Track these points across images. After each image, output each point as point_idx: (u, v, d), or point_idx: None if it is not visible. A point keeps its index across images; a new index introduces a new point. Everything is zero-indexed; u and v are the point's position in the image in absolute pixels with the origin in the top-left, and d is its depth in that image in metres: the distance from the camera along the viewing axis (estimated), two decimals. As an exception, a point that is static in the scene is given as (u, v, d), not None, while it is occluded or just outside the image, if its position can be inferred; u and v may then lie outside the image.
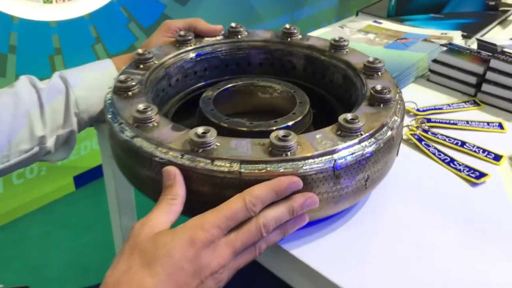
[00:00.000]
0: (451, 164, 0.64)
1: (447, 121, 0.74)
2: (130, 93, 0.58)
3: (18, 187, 1.43)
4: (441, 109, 0.79)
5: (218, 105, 0.68)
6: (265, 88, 0.70)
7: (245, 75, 0.74)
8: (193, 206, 0.50)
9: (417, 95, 0.83)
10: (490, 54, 0.81)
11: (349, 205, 0.55)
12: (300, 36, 0.74)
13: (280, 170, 0.48)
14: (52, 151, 0.66)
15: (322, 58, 0.70)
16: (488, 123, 0.74)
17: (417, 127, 0.72)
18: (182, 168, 0.48)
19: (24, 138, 0.62)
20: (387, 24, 1.08)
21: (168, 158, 0.49)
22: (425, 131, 0.72)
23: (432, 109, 0.78)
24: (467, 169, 0.64)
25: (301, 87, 0.71)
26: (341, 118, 0.52)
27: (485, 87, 0.81)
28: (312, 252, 0.52)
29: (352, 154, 0.50)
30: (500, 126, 0.75)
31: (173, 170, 0.48)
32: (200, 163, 0.48)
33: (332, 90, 0.71)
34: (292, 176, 0.48)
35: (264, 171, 0.48)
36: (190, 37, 0.70)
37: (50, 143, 0.64)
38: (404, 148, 0.69)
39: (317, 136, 0.51)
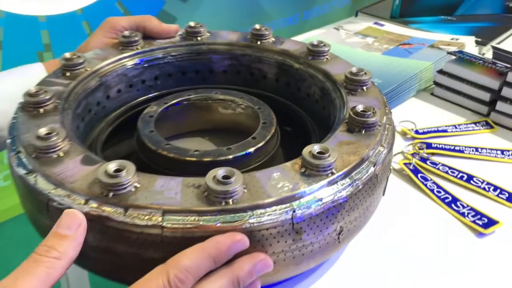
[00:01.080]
0: (453, 206, 0.51)
1: (452, 148, 0.61)
2: (41, 109, 0.45)
3: (4, 189, 1.31)
4: (445, 131, 0.65)
5: (165, 124, 0.55)
6: (226, 102, 0.57)
7: (205, 86, 0.61)
8: (107, 267, 0.38)
9: (418, 113, 0.70)
10: (508, 65, 0.67)
11: (315, 264, 0.41)
12: (273, 39, 0.60)
13: (217, 224, 0.35)
14: None
15: (297, 67, 0.57)
16: (502, 152, 0.61)
17: (413, 154, 0.59)
18: (87, 218, 0.35)
19: None
20: (389, 27, 0.95)
21: (68, 204, 0.36)
22: (423, 159, 0.58)
23: (434, 131, 0.65)
24: (473, 213, 0.50)
25: (273, 102, 0.58)
26: (305, 151, 0.39)
27: (500, 105, 0.67)
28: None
29: (318, 200, 0.37)
30: None
31: (77, 216, 0.35)
32: (110, 213, 0.35)
33: (308, 106, 0.57)
34: (235, 233, 0.35)
35: (194, 226, 0.35)
36: (136, 38, 0.57)
37: None
38: (395, 181, 0.55)
39: (274, 175, 0.38)
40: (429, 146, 0.61)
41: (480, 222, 0.49)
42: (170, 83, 0.61)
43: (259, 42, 0.60)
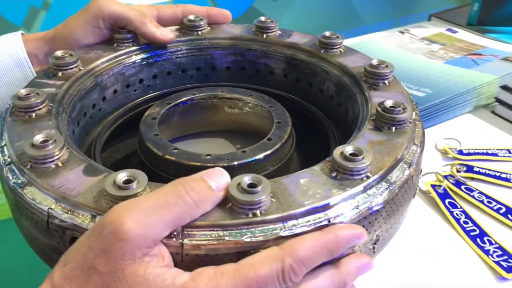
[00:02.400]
0: (478, 241, 0.45)
1: (497, 175, 0.53)
2: (33, 114, 0.40)
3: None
4: (495, 155, 0.58)
5: (168, 126, 0.51)
6: (233, 101, 0.53)
7: (207, 84, 0.57)
8: None
9: (469, 132, 0.62)
10: None
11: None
12: (279, 32, 0.56)
13: (245, 239, 0.31)
14: None
15: (308, 61, 0.53)
16: None
17: (447, 177, 0.53)
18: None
19: None
20: (463, 34, 0.86)
21: (72, 221, 0.32)
22: (459, 184, 0.52)
23: (482, 154, 0.57)
24: (500, 252, 0.44)
25: (282, 99, 0.54)
26: (336, 152, 0.35)
27: None
28: None
29: (355, 208, 0.33)
30: None
31: (226, 179, 0.32)
32: (121, 230, 0.31)
33: (322, 104, 0.53)
34: (354, 225, 0.33)
35: (219, 242, 0.30)
36: (131, 34, 0.53)
37: None
38: (417, 204, 0.50)
39: (302, 181, 0.34)
40: (470, 169, 0.55)
41: (504, 264, 0.43)
42: (169, 82, 0.56)
43: (264, 36, 0.56)
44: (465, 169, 0.54)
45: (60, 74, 0.47)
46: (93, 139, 0.49)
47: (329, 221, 0.32)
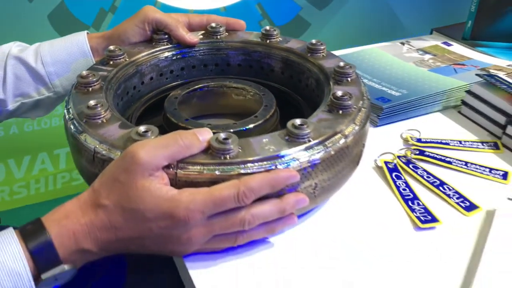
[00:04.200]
0: (409, 203, 0.58)
1: (442, 158, 0.66)
2: (90, 89, 0.58)
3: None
4: (447, 144, 0.69)
5: (187, 105, 0.67)
6: (238, 89, 0.69)
7: (223, 76, 0.73)
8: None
9: (434, 126, 0.74)
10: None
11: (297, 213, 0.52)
12: (280, 39, 0.72)
13: (217, 173, 0.46)
14: (19, 114, 0.71)
15: (298, 61, 0.68)
16: (491, 170, 0.64)
17: (400, 157, 0.66)
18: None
19: None
20: (456, 48, 0.96)
21: (109, 155, 0.49)
22: (408, 163, 0.65)
23: (437, 142, 0.69)
24: (423, 210, 0.57)
25: (278, 91, 0.69)
26: (289, 123, 0.50)
27: (510, 129, 0.69)
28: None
29: (295, 160, 0.48)
30: (505, 176, 0.63)
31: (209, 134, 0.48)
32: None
33: (307, 95, 0.69)
34: (291, 170, 0.47)
35: (199, 173, 0.46)
36: (166, 36, 0.70)
37: (12, 107, 0.70)
38: (369, 175, 0.64)
39: (264, 140, 0.50)
40: (421, 153, 0.67)
41: (422, 218, 0.56)
42: (194, 73, 0.73)
43: (268, 41, 0.71)
44: (417, 152, 0.67)
45: (111, 62, 0.64)
46: (133, 111, 0.66)
47: (276, 167, 0.47)
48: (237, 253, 0.51)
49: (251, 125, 0.59)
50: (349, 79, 0.61)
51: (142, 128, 0.49)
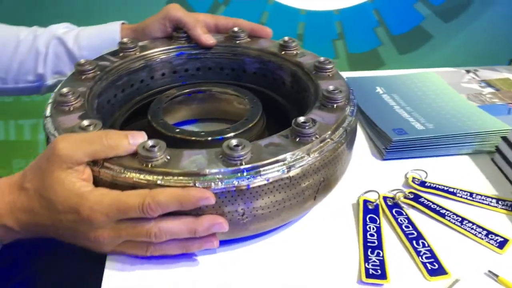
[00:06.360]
0: (368, 252, 0.51)
1: (437, 209, 0.57)
2: (83, 76, 0.61)
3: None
4: (454, 194, 0.59)
5: (189, 107, 0.68)
6: (237, 97, 0.68)
7: (239, 83, 0.72)
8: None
9: (455, 171, 0.64)
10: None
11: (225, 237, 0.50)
12: (297, 52, 0.68)
13: (134, 179, 0.46)
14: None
15: (303, 78, 0.64)
16: (488, 233, 0.54)
17: (385, 198, 0.58)
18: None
19: (30, 71, 0.75)
20: None
21: (56, 142, 0.51)
22: (393, 205, 0.57)
23: (442, 190, 0.60)
24: (377, 263, 0.50)
25: (284, 108, 0.67)
26: (225, 142, 0.48)
27: None
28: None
29: (218, 181, 0.46)
30: (502, 244, 0.53)
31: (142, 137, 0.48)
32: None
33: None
34: (207, 191, 0.45)
35: (117, 175, 0.46)
36: (185, 34, 0.71)
37: (50, 82, 0.75)
38: (345, 212, 0.58)
39: (196, 156, 0.48)
40: (416, 198, 0.59)
41: (371, 271, 0.49)
42: (209, 75, 0.73)
43: (283, 52, 0.68)
44: (412, 197, 0.58)
45: (121, 54, 0.67)
46: (135, 103, 0.68)
47: (194, 184, 0.45)
48: (159, 263, 0.50)
49: (239, 131, 0.58)
50: (335, 105, 0.56)
51: (85, 123, 0.50)
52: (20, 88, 0.77)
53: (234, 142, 0.47)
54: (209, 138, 0.57)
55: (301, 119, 0.51)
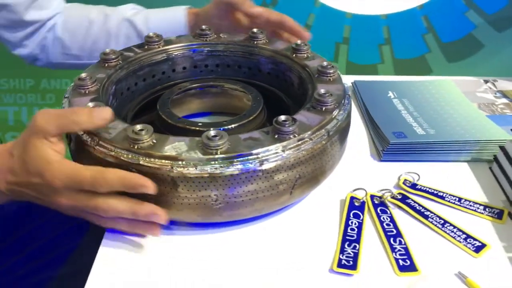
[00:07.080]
0: (345, 244, 0.54)
1: (421, 211, 0.58)
2: (106, 64, 0.68)
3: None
4: (442, 198, 0.60)
5: (201, 100, 0.73)
6: (245, 93, 0.71)
7: (255, 81, 0.76)
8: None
9: (450, 177, 0.65)
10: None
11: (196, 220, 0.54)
12: (307, 55, 0.71)
13: (121, 158, 0.51)
14: None
15: (308, 80, 0.67)
16: (467, 237, 0.55)
17: (372, 196, 0.60)
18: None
19: (102, 50, 0.77)
20: None
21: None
22: (378, 204, 0.59)
23: (432, 193, 0.61)
24: (351, 254, 0.53)
25: (293, 105, 0.70)
26: (205, 133, 0.52)
27: None
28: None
29: (194, 167, 0.50)
30: (478, 249, 0.54)
31: (109, 116, 0.53)
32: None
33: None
34: (146, 179, 0.49)
35: (106, 152, 0.52)
36: (208, 32, 0.76)
37: None
38: (331, 207, 0.60)
39: (179, 142, 0.52)
40: (403, 199, 0.60)
41: (343, 262, 0.51)
42: (228, 72, 0.77)
43: (294, 55, 0.71)
44: (400, 197, 0.60)
45: (146, 47, 0.73)
46: (155, 92, 0.74)
47: (172, 168, 0.50)
48: (156, 247, 0.55)
49: (237, 124, 0.63)
50: (323, 108, 0.58)
51: (90, 104, 0.56)
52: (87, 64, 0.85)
53: (212, 133, 0.52)
54: (205, 129, 0.61)
55: (282, 117, 0.54)
